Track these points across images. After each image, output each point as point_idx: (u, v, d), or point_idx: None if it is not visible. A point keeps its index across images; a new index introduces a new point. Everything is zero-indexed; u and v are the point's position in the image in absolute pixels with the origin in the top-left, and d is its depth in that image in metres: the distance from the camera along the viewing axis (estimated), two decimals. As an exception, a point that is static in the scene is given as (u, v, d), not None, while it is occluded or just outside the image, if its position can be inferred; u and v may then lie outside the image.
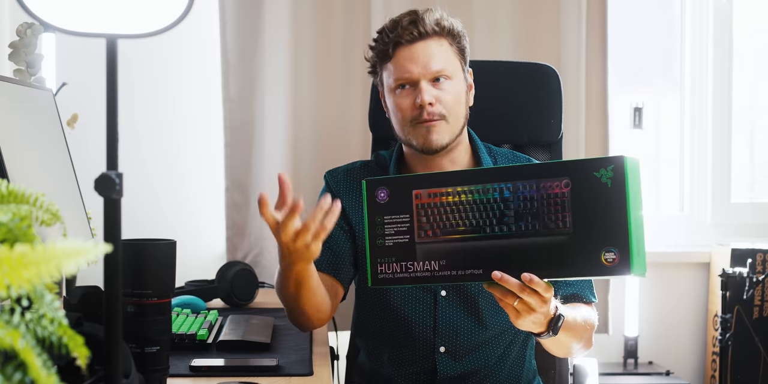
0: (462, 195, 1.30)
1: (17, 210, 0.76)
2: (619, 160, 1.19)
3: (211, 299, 2.00)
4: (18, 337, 0.63)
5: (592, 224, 1.20)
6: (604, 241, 1.19)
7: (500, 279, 1.24)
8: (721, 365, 2.39)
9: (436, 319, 1.59)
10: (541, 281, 1.23)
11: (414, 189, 1.33)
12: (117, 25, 0.76)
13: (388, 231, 1.35)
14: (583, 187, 1.21)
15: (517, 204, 1.26)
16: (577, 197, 1.22)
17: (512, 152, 1.71)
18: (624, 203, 1.18)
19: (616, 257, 1.19)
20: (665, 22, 2.81)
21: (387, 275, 1.35)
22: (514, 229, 1.26)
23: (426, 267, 1.31)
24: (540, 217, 1.24)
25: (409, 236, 1.33)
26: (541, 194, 1.24)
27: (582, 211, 1.21)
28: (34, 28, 1.77)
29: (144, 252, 1.13)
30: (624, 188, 1.18)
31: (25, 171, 1.23)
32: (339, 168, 1.71)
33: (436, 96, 1.53)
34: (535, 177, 1.25)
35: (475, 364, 1.59)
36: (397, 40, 1.54)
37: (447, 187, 1.31)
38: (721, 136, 2.73)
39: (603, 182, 1.20)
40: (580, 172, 1.22)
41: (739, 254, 2.45)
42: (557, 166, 1.25)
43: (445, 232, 1.31)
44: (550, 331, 1.35)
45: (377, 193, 1.36)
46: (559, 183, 1.23)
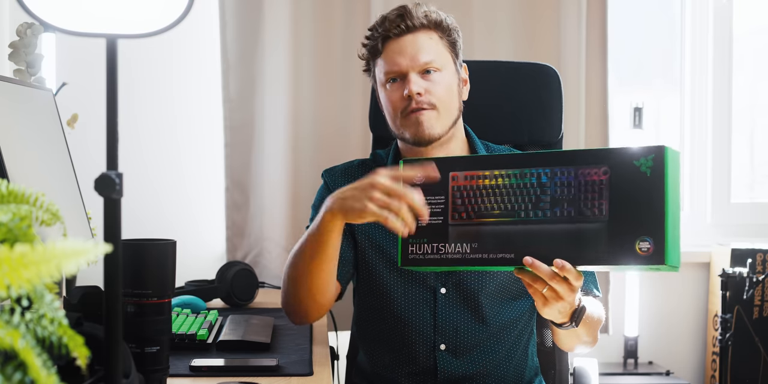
0: (499, 178, 1.29)
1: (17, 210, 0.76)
2: (660, 150, 1.19)
3: (211, 299, 2.00)
4: (18, 337, 0.63)
5: (628, 213, 1.19)
6: (640, 230, 1.18)
7: (531, 264, 1.23)
8: (721, 365, 2.39)
9: (436, 316, 1.59)
10: (573, 268, 1.22)
11: (451, 171, 1.32)
12: (117, 25, 0.76)
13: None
14: (621, 176, 1.21)
15: (554, 189, 1.25)
16: (614, 185, 1.21)
17: (510, 149, 1.71)
18: (662, 193, 1.17)
19: (651, 247, 1.18)
20: (665, 22, 2.81)
21: (417, 256, 1.33)
22: (549, 214, 1.25)
23: (457, 249, 1.30)
24: (576, 204, 1.23)
25: (442, 218, 1.32)
26: (578, 181, 1.23)
27: (619, 199, 1.20)
28: (34, 28, 1.77)
29: (144, 252, 1.13)
30: (663, 178, 1.18)
31: (25, 171, 1.23)
32: (337, 167, 1.72)
33: (426, 87, 1.54)
34: (574, 163, 1.24)
35: (478, 362, 1.59)
36: (385, 35, 1.55)
37: (485, 170, 1.30)
38: (721, 136, 2.73)
39: (642, 171, 1.19)
40: (620, 160, 1.21)
41: (739, 254, 2.45)
42: (597, 154, 1.24)
43: (479, 215, 1.29)
44: (573, 322, 1.36)
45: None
46: (598, 170, 1.22)
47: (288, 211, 2.37)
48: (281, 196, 2.37)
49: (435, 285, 1.59)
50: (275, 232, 2.37)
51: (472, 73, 1.80)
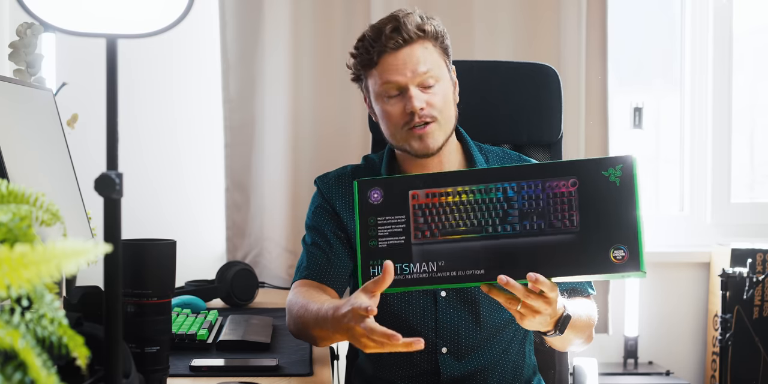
0: (463, 195, 1.29)
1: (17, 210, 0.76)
2: (629, 160, 1.21)
3: (211, 299, 2.00)
4: (18, 337, 0.63)
5: (600, 222, 1.21)
6: (613, 239, 1.20)
7: (506, 284, 1.22)
8: (721, 365, 2.39)
9: (437, 320, 1.58)
10: (547, 280, 1.22)
11: (410, 189, 1.31)
12: (117, 25, 0.76)
13: (381, 232, 1.32)
14: (591, 186, 1.22)
15: (522, 203, 1.26)
16: (584, 196, 1.22)
17: (503, 150, 1.71)
18: (633, 201, 1.20)
19: (626, 255, 1.19)
20: (665, 22, 2.81)
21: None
22: (519, 228, 1.25)
23: (423, 268, 1.29)
24: (546, 216, 1.24)
25: (404, 237, 1.30)
26: (547, 193, 1.25)
27: (590, 210, 1.22)
28: (34, 28, 1.77)
29: (144, 252, 1.13)
30: (633, 186, 1.20)
31: (25, 171, 1.23)
32: (330, 173, 1.71)
33: (426, 100, 1.53)
34: (540, 176, 1.25)
35: (478, 363, 1.59)
36: (381, 49, 1.53)
37: (446, 187, 1.30)
38: (721, 136, 2.73)
39: (611, 181, 1.22)
40: (588, 171, 1.23)
41: (739, 254, 2.45)
42: (564, 166, 1.26)
43: (444, 233, 1.29)
44: (557, 330, 1.36)
45: (370, 194, 1.33)
46: (566, 182, 1.24)
47: (288, 211, 2.37)
48: (281, 196, 2.37)
49: (435, 289, 1.59)
50: (275, 232, 2.37)
51: (473, 72, 1.81)
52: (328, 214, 1.64)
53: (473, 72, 1.86)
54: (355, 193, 1.33)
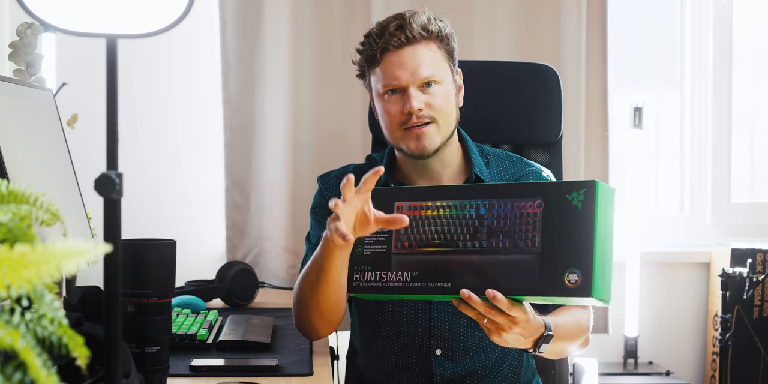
0: (441, 209, 1.32)
1: (17, 210, 0.76)
2: (591, 185, 1.21)
3: (211, 299, 2.00)
4: (18, 337, 0.63)
5: (558, 245, 1.22)
6: (569, 263, 1.20)
7: (467, 298, 1.25)
8: (721, 365, 2.39)
9: (431, 321, 1.58)
10: (504, 299, 1.23)
11: (396, 201, 1.36)
12: (117, 25, 0.76)
13: (367, 240, 1.37)
14: (554, 209, 1.23)
15: (491, 221, 1.28)
16: (547, 218, 1.24)
17: (504, 153, 1.70)
18: (591, 226, 1.20)
19: (579, 279, 1.19)
20: (665, 22, 2.81)
21: (361, 283, 1.37)
22: (486, 245, 1.28)
23: (398, 277, 1.33)
24: (511, 236, 1.26)
25: (386, 246, 1.35)
26: (514, 213, 1.27)
27: (551, 232, 1.23)
28: (34, 28, 1.77)
29: (144, 252, 1.13)
30: (593, 212, 1.20)
31: (25, 171, 1.23)
32: (332, 172, 1.71)
33: (426, 101, 1.53)
34: (512, 196, 1.27)
35: (473, 365, 1.59)
36: (384, 47, 1.53)
37: (427, 201, 1.34)
38: (721, 136, 2.73)
39: (574, 205, 1.22)
40: (553, 193, 1.24)
41: (739, 254, 2.45)
42: (532, 187, 1.28)
43: (420, 245, 1.33)
44: (536, 348, 1.36)
45: None
46: (533, 203, 1.26)
47: (288, 211, 2.37)
48: (281, 196, 2.37)
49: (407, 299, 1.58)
50: (275, 232, 2.37)
51: (472, 72, 1.80)
52: (328, 212, 1.65)
53: (473, 72, 1.86)
54: None
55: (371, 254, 1.36)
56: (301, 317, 1.51)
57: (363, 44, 1.59)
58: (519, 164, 1.67)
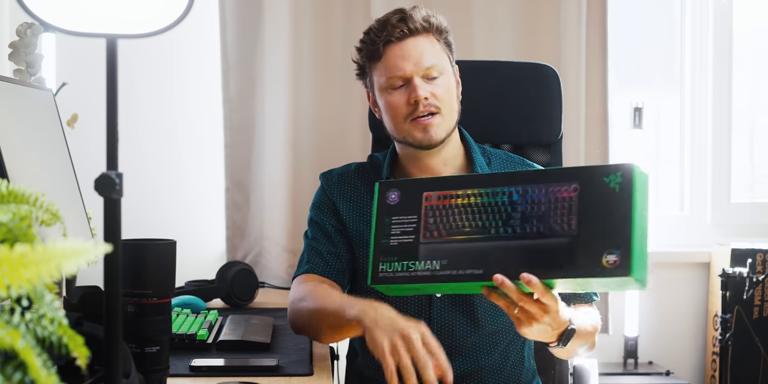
0: (471, 197, 1.31)
1: (17, 210, 0.76)
2: (628, 168, 1.21)
3: (211, 299, 2.00)
4: (18, 337, 0.63)
5: (596, 227, 1.21)
6: (607, 243, 1.20)
7: (501, 283, 1.23)
8: (721, 365, 2.39)
9: (431, 320, 1.58)
10: (539, 282, 1.22)
11: (425, 191, 1.34)
12: (117, 25, 0.76)
13: (394, 231, 1.35)
14: (591, 192, 1.23)
15: (525, 207, 1.27)
16: (584, 201, 1.23)
17: (506, 153, 1.71)
18: (629, 207, 1.19)
19: (618, 259, 1.19)
20: (665, 22, 2.81)
21: (387, 274, 1.34)
22: (519, 230, 1.26)
23: (427, 266, 1.31)
24: (545, 220, 1.25)
25: (414, 236, 1.33)
26: (549, 198, 1.25)
27: (588, 215, 1.22)
28: (34, 28, 1.77)
29: (144, 252, 1.13)
30: (631, 193, 1.20)
31: (25, 171, 1.23)
32: (335, 170, 1.72)
33: (431, 91, 1.54)
34: (545, 182, 1.27)
35: (473, 364, 1.59)
36: (387, 39, 1.54)
37: (457, 190, 1.32)
38: (721, 136, 2.73)
39: (611, 187, 1.21)
40: (590, 177, 1.23)
41: (739, 254, 2.45)
42: (567, 172, 1.27)
43: (450, 233, 1.31)
44: (561, 343, 1.35)
45: (389, 195, 1.37)
46: (568, 187, 1.25)
47: (288, 211, 2.37)
48: (281, 196, 2.37)
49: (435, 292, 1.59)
50: (275, 232, 2.37)
51: (472, 72, 1.80)
52: (329, 209, 1.65)
53: (473, 72, 1.86)
54: (376, 193, 1.37)
55: (398, 245, 1.34)
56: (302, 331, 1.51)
57: (363, 41, 1.60)
58: (520, 164, 1.68)
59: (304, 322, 1.48)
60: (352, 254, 1.63)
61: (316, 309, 1.44)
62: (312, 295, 1.49)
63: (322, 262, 1.59)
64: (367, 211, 1.64)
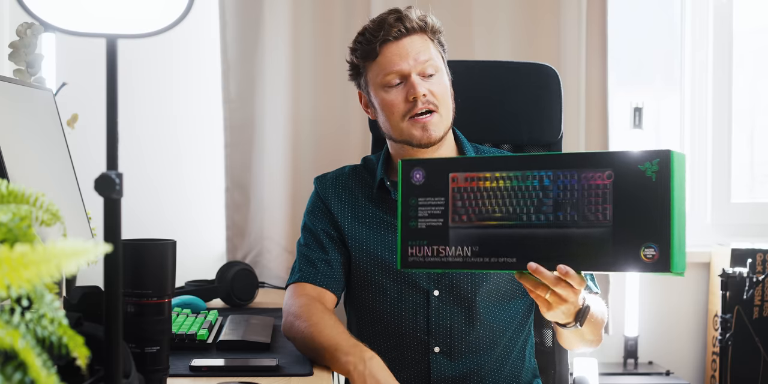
0: (500, 181, 1.27)
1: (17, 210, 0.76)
2: (666, 154, 1.16)
3: (211, 299, 2.00)
4: (18, 337, 0.63)
5: (633, 218, 1.18)
6: (645, 237, 1.17)
7: (535, 271, 1.22)
8: (721, 365, 2.39)
9: (429, 319, 1.58)
10: (577, 274, 1.21)
11: (451, 172, 1.30)
12: (117, 25, 0.76)
13: (421, 213, 1.31)
14: (626, 180, 1.19)
15: (557, 193, 1.23)
16: (619, 190, 1.19)
17: (499, 151, 1.72)
18: (668, 198, 1.16)
19: (656, 254, 1.16)
20: (665, 22, 2.81)
21: (417, 258, 1.31)
22: (552, 218, 1.23)
23: (458, 253, 1.28)
24: (579, 208, 1.21)
25: (442, 220, 1.30)
26: (582, 184, 1.22)
27: (623, 204, 1.19)
28: (34, 28, 1.77)
29: (144, 252, 1.13)
30: (669, 183, 1.16)
31: (25, 171, 1.23)
32: (328, 174, 1.72)
33: (428, 88, 1.55)
34: (577, 166, 1.22)
35: (473, 364, 1.59)
36: (384, 38, 1.55)
37: (485, 172, 1.28)
38: (721, 136, 2.73)
39: (647, 176, 1.17)
40: (624, 164, 1.19)
41: (739, 254, 2.45)
42: (601, 157, 1.22)
43: (480, 218, 1.27)
44: (578, 322, 1.35)
45: (413, 174, 1.32)
46: (602, 174, 1.21)
47: (288, 211, 2.37)
48: (281, 196, 2.37)
49: (428, 288, 1.59)
50: (275, 232, 2.37)
51: (472, 72, 1.81)
52: (323, 213, 1.65)
53: (473, 72, 1.86)
54: (399, 172, 1.33)
55: (426, 228, 1.30)
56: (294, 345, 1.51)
57: (358, 41, 1.61)
58: None
59: (296, 343, 1.48)
60: (347, 258, 1.63)
61: (310, 337, 1.44)
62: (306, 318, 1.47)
63: (313, 270, 1.59)
64: (363, 214, 1.64)
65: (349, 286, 1.66)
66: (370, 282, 1.61)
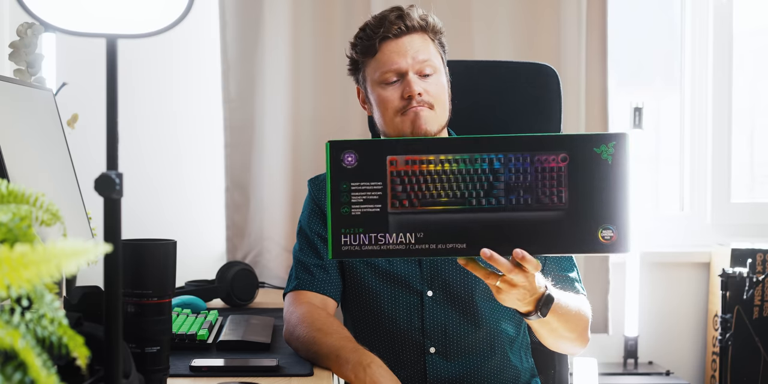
0: (446, 164, 1.22)
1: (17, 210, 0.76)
2: (623, 137, 1.17)
3: (211, 299, 2.00)
4: (18, 337, 0.63)
5: (589, 200, 1.18)
6: (603, 218, 1.17)
7: (489, 258, 1.19)
8: (721, 365, 2.39)
9: (423, 319, 1.58)
10: (533, 259, 1.20)
11: (388, 154, 1.23)
12: (117, 25, 0.76)
13: (355, 199, 1.23)
14: (581, 163, 1.19)
15: (509, 176, 1.21)
16: (574, 172, 1.19)
17: None
18: (625, 181, 1.17)
19: (614, 235, 1.17)
20: (665, 22, 2.81)
21: (352, 247, 1.23)
22: (504, 202, 1.20)
23: (400, 240, 1.22)
24: (533, 191, 1.20)
25: (380, 205, 1.23)
26: (535, 167, 1.20)
27: (579, 187, 1.19)
28: (34, 28, 1.77)
29: (144, 252, 1.13)
30: (626, 166, 1.17)
31: (25, 171, 1.23)
32: (322, 175, 1.73)
33: (424, 87, 1.55)
34: (529, 149, 1.20)
35: (470, 364, 1.59)
36: (384, 35, 1.55)
37: (428, 155, 1.22)
38: (721, 136, 2.73)
39: (603, 159, 1.18)
40: (580, 146, 1.19)
41: (739, 254, 2.45)
42: (554, 139, 1.21)
43: (424, 203, 1.22)
44: (538, 311, 1.34)
45: (343, 157, 1.23)
46: (556, 157, 1.20)
47: (288, 212, 2.37)
48: (281, 196, 2.37)
49: (421, 289, 1.59)
50: (275, 232, 2.37)
51: (473, 72, 1.80)
52: (317, 216, 1.65)
53: (473, 72, 1.86)
54: (327, 155, 1.23)
55: (362, 215, 1.22)
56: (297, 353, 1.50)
57: (359, 36, 1.61)
58: None
59: (300, 351, 1.48)
60: (341, 261, 1.63)
61: (312, 344, 1.43)
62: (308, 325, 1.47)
63: (309, 277, 1.59)
64: None
65: (343, 288, 1.65)
66: (363, 284, 1.61)
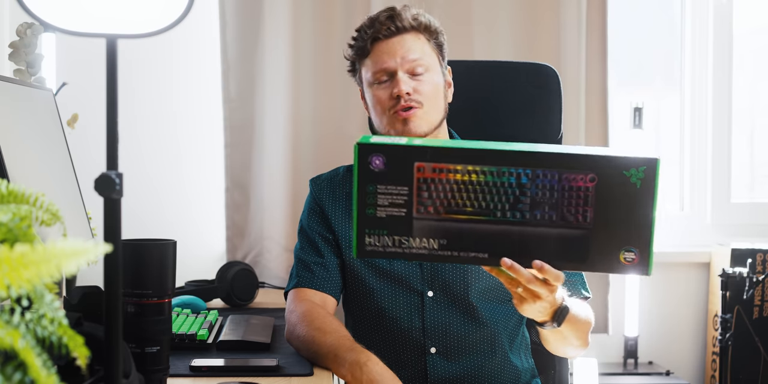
0: (473, 175, 1.22)
1: (17, 210, 0.76)
2: (652, 163, 1.17)
3: (211, 299, 2.00)
4: (18, 337, 0.63)
5: (614, 222, 1.19)
6: (625, 240, 1.18)
7: (510, 267, 1.21)
8: (721, 365, 2.39)
9: (424, 319, 1.58)
10: (552, 269, 1.21)
11: (416, 161, 1.23)
12: (117, 25, 0.76)
13: (381, 201, 1.23)
14: (609, 184, 1.18)
15: (535, 192, 1.21)
16: (601, 193, 1.19)
17: None
18: (651, 205, 1.17)
19: (636, 257, 1.18)
20: (665, 22, 2.81)
21: (376, 248, 1.24)
22: (529, 216, 1.21)
23: (423, 244, 1.23)
24: (558, 208, 1.20)
25: (405, 210, 1.23)
26: (562, 185, 1.20)
27: (605, 208, 1.19)
28: (34, 28, 1.77)
29: (144, 252, 1.13)
30: (653, 191, 1.17)
31: (25, 171, 1.23)
32: (323, 175, 1.73)
33: (414, 86, 1.56)
34: (558, 167, 1.20)
35: (470, 364, 1.59)
36: (375, 36, 1.57)
37: (456, 164, 1.22)
38: (721, 136, 2.73)
39: (632, 182, 1.18)
40: (609, 168, 1.18)
41: (739, 254, 2.45)
42: (585, 159, 1.20)
43: (449, 211, 1.22)
44: (555, 322, 1.35)
45: (371, 160, 1.23)
46: (584, 176, 1.19)
47: (288, 211, 2.37)
48: (281, 196, 2.37)
49: (422, 289, 1.59)
50: (275, 232, 2.37)
51: (473, 72, 1.81)
52: (317, 215, 1.66)
53: (473, 72, 1.86)
54: (355, 157, 1.23)
55: (387, 217, 1.23)
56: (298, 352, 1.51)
57: (354, 38, 1.63)
58: None
59: (300, 350, 1.48)
60: (341, 259, 1.63)
61: (312, 342, 1.44)
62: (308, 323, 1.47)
63: (310, 275, 1.60)
64: None
65: (344, 288, 1.66)
66: (363, 284, 1.61)
